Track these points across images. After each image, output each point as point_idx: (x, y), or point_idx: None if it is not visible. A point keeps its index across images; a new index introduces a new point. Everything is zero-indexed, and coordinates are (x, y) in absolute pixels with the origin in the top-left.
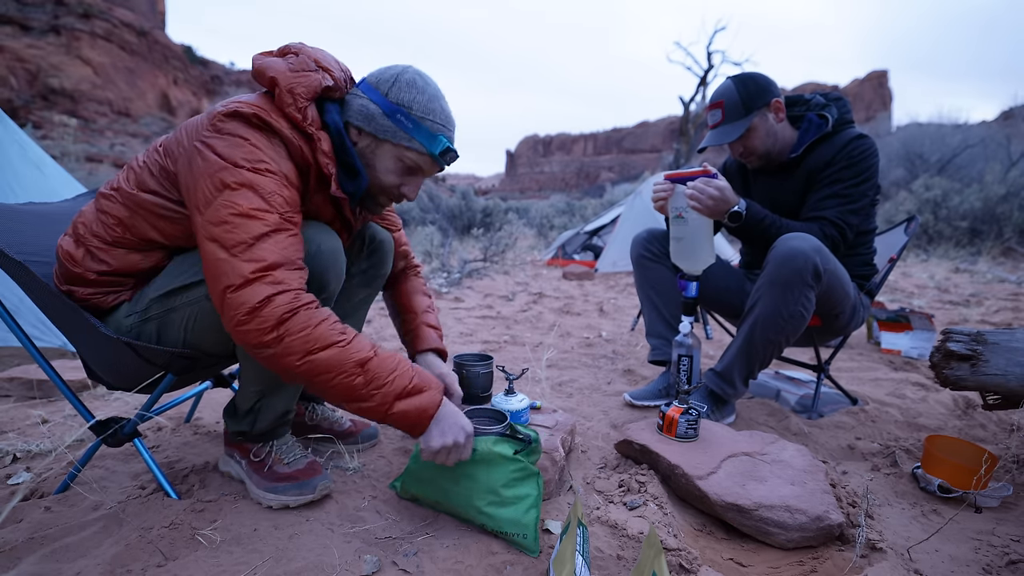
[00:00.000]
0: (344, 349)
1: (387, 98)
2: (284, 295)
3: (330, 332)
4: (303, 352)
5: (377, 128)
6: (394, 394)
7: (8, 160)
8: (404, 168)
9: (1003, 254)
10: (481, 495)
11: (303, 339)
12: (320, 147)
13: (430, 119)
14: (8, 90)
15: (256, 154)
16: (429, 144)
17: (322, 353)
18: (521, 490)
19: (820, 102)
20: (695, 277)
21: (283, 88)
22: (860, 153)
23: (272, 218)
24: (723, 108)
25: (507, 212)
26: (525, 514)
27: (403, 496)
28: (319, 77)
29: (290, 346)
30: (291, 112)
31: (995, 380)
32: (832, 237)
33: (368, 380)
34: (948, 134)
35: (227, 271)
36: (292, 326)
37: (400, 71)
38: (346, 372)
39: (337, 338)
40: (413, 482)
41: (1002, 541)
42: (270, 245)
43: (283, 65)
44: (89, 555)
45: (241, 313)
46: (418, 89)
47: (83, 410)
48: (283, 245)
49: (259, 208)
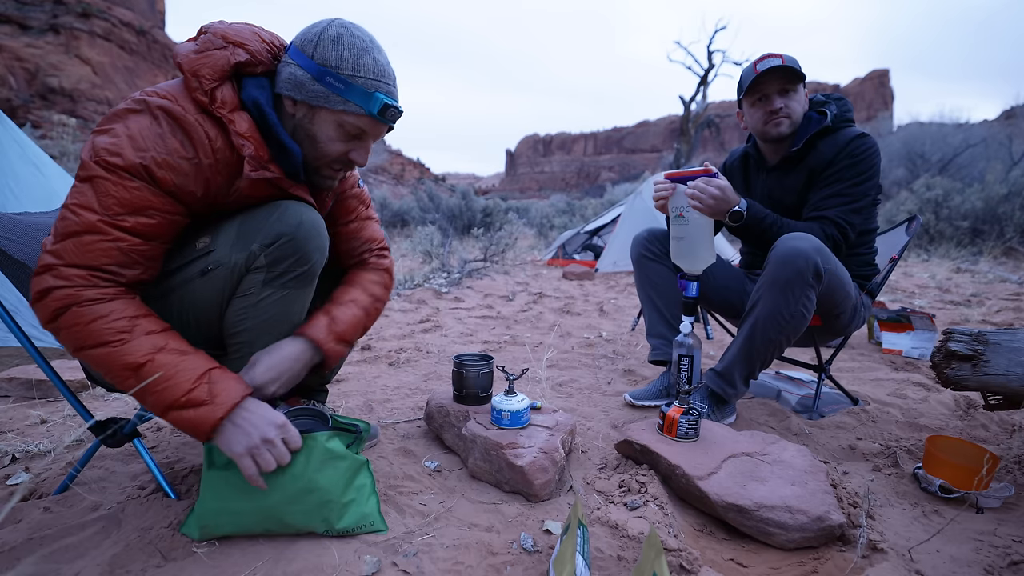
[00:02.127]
0: (116, 350)
1: (313, 60)
2: (62, 290)
3: (104, 331)
4: (75, 347)
5: (308, 95)
6: (164, 404)
7: (7, 160)
8: (346, 134)
9: (1004, 254)
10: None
11: (74, 335)
12: (233, 128)
13: (362, 76)
14: (7, 90)
15: (124, 147)
16: (365, 104)
17: (93, 351)
18: (357, 483)
19: (819, 99)
20: (695, 277)
21: (187, 72)
22: (862, 152)
23: (90, 218)
24: (783, 57)
25: (507, 212)
26: (366, 504)
27: (203, 539)
28: (226, 54)
29: (65, 339)
30: (197, 96)
31: (996, 380)
32: (833, 237)
33: (141, 385)
34: (949, 133)
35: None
36: (64, 321)
37: (323, 27)
38: (116, 373)
39: (111, 337)
40: (219, 519)
41: (1003, 542)
42: (73, 244)
43: (188, 47)
44: (88, 556)
45: (32, 300)
46: (344, 44)
47: (82, 410)
48: (90, 248)
49: (82, 205)
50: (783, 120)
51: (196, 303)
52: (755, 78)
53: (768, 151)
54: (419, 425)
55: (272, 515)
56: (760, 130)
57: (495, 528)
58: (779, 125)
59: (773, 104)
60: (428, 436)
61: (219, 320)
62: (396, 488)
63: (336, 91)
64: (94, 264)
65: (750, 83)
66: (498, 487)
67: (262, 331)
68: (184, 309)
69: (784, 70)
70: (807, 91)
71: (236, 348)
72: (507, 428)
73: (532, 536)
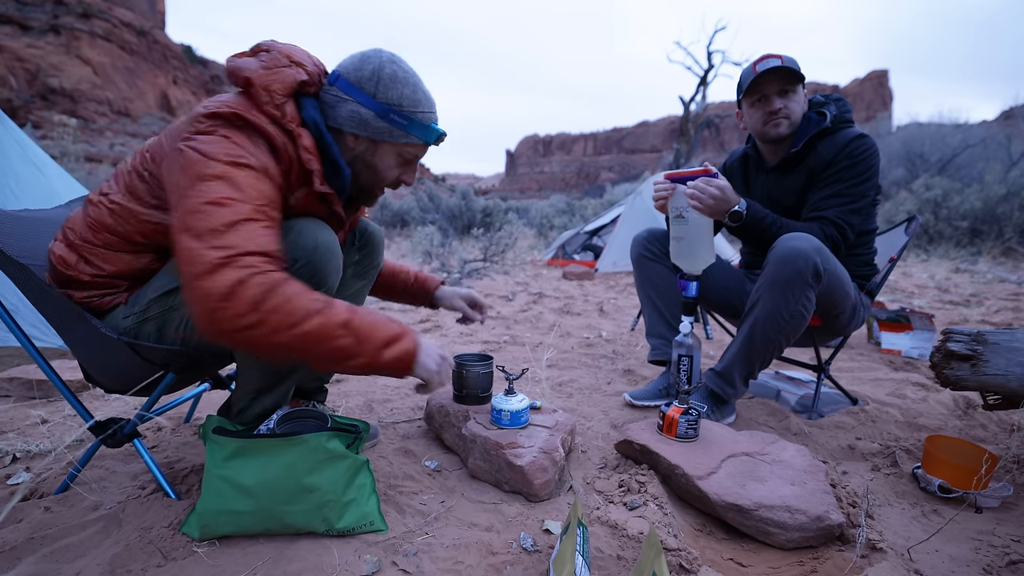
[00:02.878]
0: (327, 315)
1: (376, 99)
2: (256, 276)
3: (310, 302)
4: (288, 326)
5: (373, 132)
6: (381, 343)
7: (8, 160)
8: (403, 161)
9: (1003, 254)
10: (327, 507)
11: (283, 315)
12: (301, 143)
13: (421, 111)
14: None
15: (235, 150)
16: (425, 135)
17: (307, 323)
18: (357, 483)
19: (819, 100)
20: (695, 277)
21: (258, 86)
22: (861, 153)
23: (244, 207)
24: (782, 58)
25: (507, 212)
26: (367, 504)
27: (203, 539)
28: (293, 72)
29: (274, 324)
30: (269, 109)
31: (995, 380)
32: (833, 237)
33: (356, 338)
34: (948, 134)
35: (196, 259)
36: (268, 306)
37: (378, 65)
38: (335, 335)
39: (318, 306)
40: (220, 519)
41: (1002, 541)
42: (241, 233)
43: (256, 63)
44: (88, 555)
45: (213, 300)
46: (401, 82)
47: (82, 411)
48: (256, 234)
49: (230, 197)
50: (782, 121)
51: None
52: (754, 78)
53: (767, 152)
54: (419, 425)
55: (272, 515)
56: (759, 131)
57: (495, 528)
58: (778, 126)
59: (772, 105)
60: (428, 436)
61: None
62: (396, 488)
63: (400, 127)
64: (265, 249)
65: (749, 83)
66: (498, 487)
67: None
68: (191, 323)
69: (783, 71)
70: (806, 92)
71: (249, 363)
72: (507, 428)
73: (532, 536)
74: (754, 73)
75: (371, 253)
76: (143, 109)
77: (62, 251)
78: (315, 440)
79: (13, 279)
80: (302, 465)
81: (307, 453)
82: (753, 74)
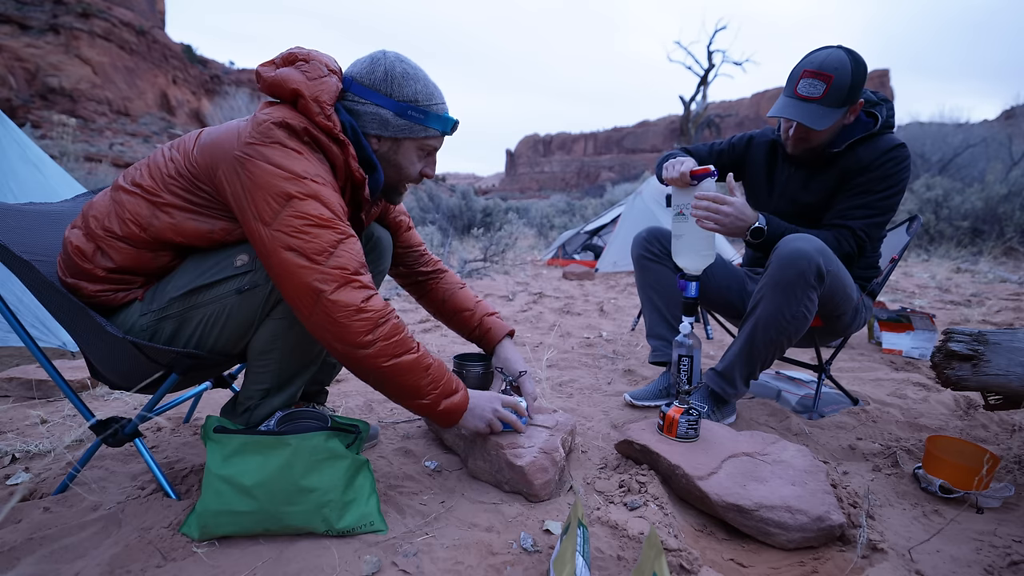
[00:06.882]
0: (419, 355)
1: (392, 98)
2: (376, 298)
3: (408, 340)
4: (391, 355)
5: (395, 130)
6: (446, 393)
7: (7, 160)
8: (424, 155)
9: (1005, 254)
10: (327, 507)
11: (394, 344)
12: (350, 152)
13: (435, 103)
14: (7, 89)
15: (312, 166)
16: (441, 126)
17: (405, 357)
18: (357, 483)
19: (872, 99)
20: (695, 277)
21: (309, 98)
22: (896, 164)
23: (342, 226)
24: (829, 86)
25: (507, 212)
26: (367, 504)
27: (203, 539)
28: (335, 81)
29: (383, 349)
30: (322, 121)
31: (997, 380)
32: (850, 249)
33: (431, 381)
34: (949, 133)
35: (316, 277)
36: (384, 331)
37: (388, 66)
38: (419, 374)
39: (413, 344)
40: (220, 520)
41: (1004, 542)
42: (347, 251)
43: (300, 75)
44: (88, 556)
45: (347, 313)
46: (413, 79)
47: (84, 410)
48: (356, 250)
49: (329, 218)
50: (800, 146)
51: (226, 320)
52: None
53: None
54: (419, 425)
55: (272, 515)
56: (781, 134)
57: (495, 528)
58: (795, 149)
59: (794, 132)
60: (428, 436)
61: (243, 338)
62: (396, 488)
63: (418, 121)
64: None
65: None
66: (498, 487)
67: (295, 354)
68: (210, 324)
69: (809, 115)
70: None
71: (263, 366)
72: (507, 428)
73: (532, 536)
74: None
75: (378, 258)
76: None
77: (79, 240)
78: (315, 439)
79: (19, 275)
80: (302, 465)
81: (307, 452)
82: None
